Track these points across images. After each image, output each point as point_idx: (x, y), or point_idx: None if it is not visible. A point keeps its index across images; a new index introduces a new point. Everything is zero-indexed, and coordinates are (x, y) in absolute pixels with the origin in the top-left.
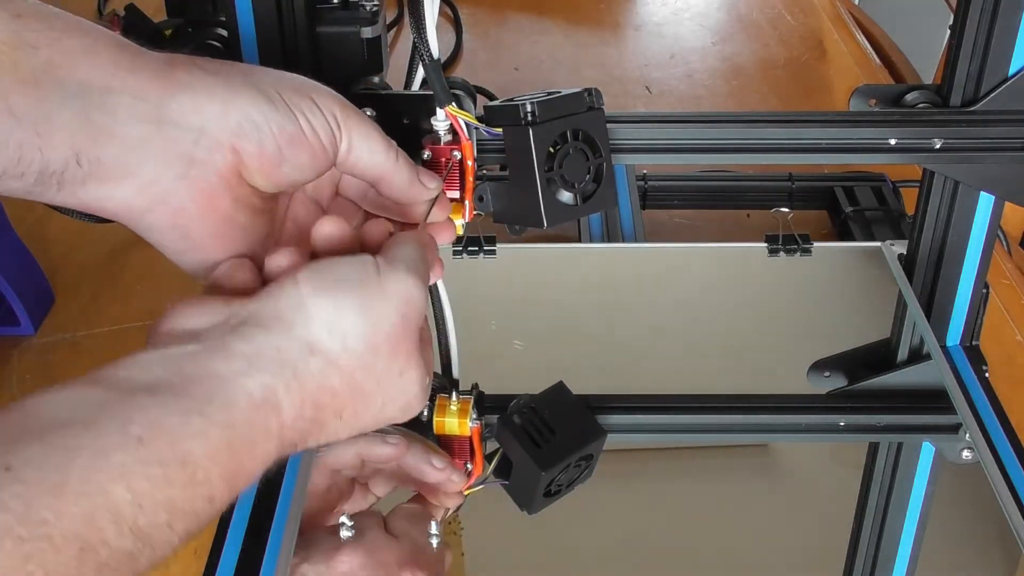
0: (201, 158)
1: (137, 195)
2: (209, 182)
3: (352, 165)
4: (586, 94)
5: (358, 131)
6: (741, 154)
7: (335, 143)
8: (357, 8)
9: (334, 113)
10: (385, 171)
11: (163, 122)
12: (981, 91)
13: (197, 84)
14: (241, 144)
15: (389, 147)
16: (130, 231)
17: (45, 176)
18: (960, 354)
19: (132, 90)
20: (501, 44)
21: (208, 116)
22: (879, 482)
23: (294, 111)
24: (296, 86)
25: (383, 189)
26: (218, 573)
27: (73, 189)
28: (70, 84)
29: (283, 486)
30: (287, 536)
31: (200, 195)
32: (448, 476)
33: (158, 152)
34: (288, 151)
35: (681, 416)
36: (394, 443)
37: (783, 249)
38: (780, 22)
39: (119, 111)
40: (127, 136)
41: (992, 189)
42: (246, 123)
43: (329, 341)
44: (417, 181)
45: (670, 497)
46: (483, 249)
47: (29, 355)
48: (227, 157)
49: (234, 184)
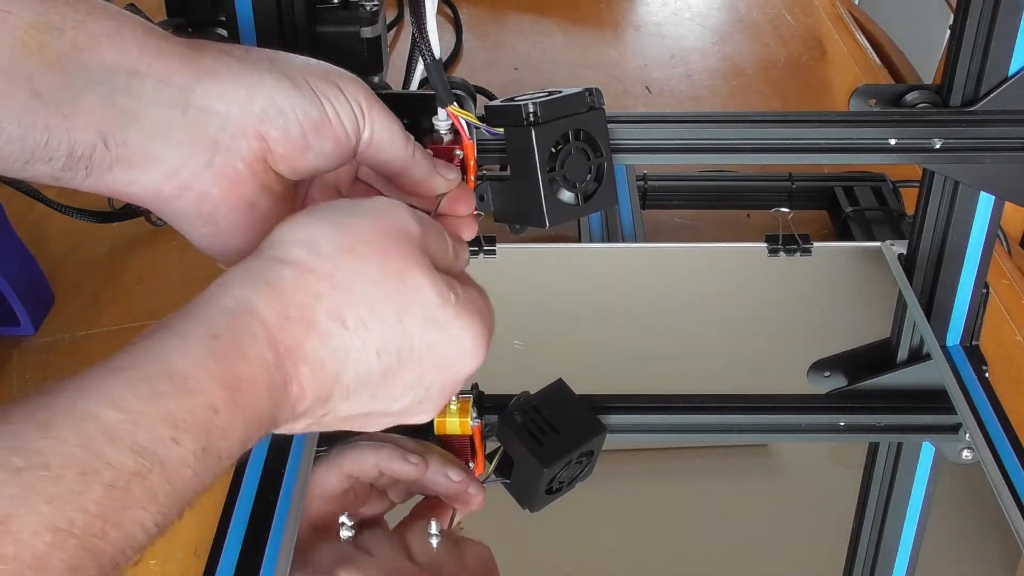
0: (226, 144)
1: (164, 181)
2: (235, 168)
3: (372, 155)
4: (587, 94)
5: (381, 121)
6: (741, 154)
7: (358, 131)
8: (357, 8)
9: (359, 101)
10: (404, 163)
11: (189, 107)
12: (981, 91)
13: (223, 70)
14: (266, 130)
15: (408, 140)
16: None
17: (73, 160)
18: (960, 354)
19: (158, 74)
20: (501, 44)
21: (233, 102)
22: (879, 482)
23: (320, 97)
24: (322, 72)
25: (401, 182)
26: (218, 573)
27: (101, 174)
28: (95, 67)
29: (283, 486)
30: (287, 536)
31: (225, 182)
32: (466, 488)
33: (183, 138)
34: (313, 138)
35: (681, 416)
36: (415, 462)
37: (783, 249)
38: (780, 22)
39: (144, 95)
40: (152, 120)
41: (992, 189)
42: (271, 109)
43: (297, 251)
44: (435, 173)
45: (670, 497)
46: (483, 249)
47: (29, 355)
48: (252, 144)
49: (259, 171)
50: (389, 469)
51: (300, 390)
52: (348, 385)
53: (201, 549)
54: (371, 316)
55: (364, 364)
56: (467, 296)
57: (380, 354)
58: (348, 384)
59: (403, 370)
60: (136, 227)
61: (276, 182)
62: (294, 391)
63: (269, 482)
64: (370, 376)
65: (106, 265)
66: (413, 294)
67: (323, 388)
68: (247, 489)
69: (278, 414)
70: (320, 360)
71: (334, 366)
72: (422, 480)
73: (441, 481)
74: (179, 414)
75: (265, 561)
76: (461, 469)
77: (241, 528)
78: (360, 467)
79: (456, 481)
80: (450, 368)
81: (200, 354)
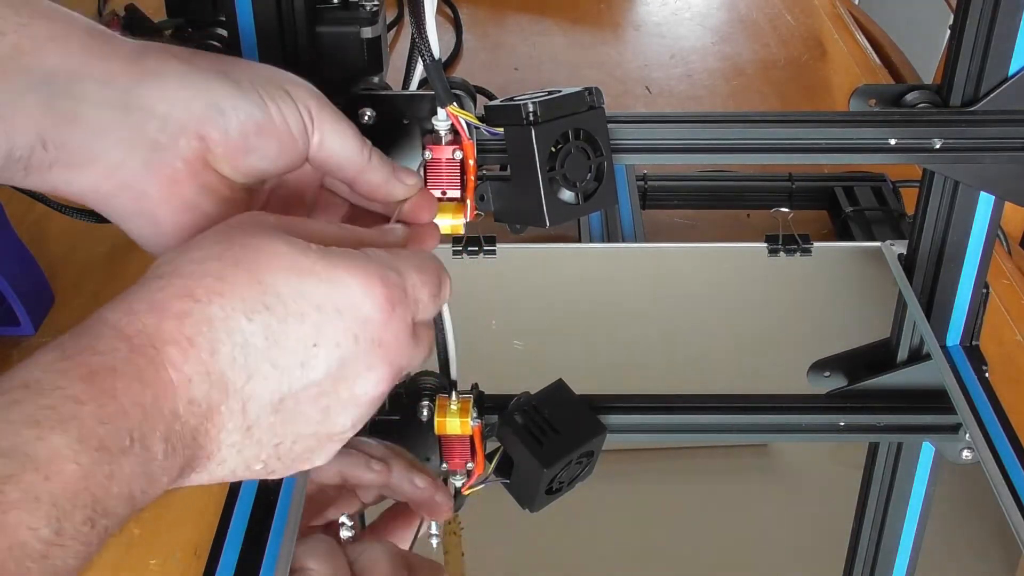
0: (165, 143)
1: (103, 180)
2: (173, 168)
3: (324, 160)
4: (587, 93)
5: (331, 126)
6: (741, 154)
7: (307, 135)
8: (357, 8)
9: (307, 105)
10: (359, 168)
11: (129, 108)
12: (981, 91)
13: (167, 71)
14: (206, 130)
15: (363, 145)
16: None
17: (12, 161)
18: (960, 354)
19: (100, 76)
20: (501, 44)
21: (175, 103)
22: (879, 482)
23: (265, 100)
24: (269, 76)
25: (358, 187)
26: (218, 573)
27: (40, 174)
28: (36, 70)
29: (283, 486)
30: (287, 536)
31: (164, 181)
32: (431, 495)
33: (123, 137)
34: (255, 140)
35: (681, 416)
36: (377, 470)
37: (783, 249)
38: (780, 22)
39: (86, 96)
40: (93, 121)
41: (992, 189)
42: (212, 109)
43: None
44: (393, 178)
45: (670, 497)
46: (483, 249)
47: (29, 355)
48: (191, 143)
49: (199, 171)
50: (352, 476)
51: (180, 375)
52: (235, 359)
53: (201, 549)
54: (221, 284)
55: (238, 332)
56: (343, 248)
57: (249, 315)
58: (234, 358)
59: (287, 324)
60: None
61: (221, 183)
62: (172, 376)
63: (269, 482)
64: (253, 343)
65: (106, 265)
66: (265, 255)
67: (209, 369)
68: (247, 489)
69: (173, 404)
70: (186, 338)
71: (205, 343)
72: (388, 485)
73: (406, 488)
74: (38, 412)
75: (265, 561)
76: (427, 476)
77: (241, 528)
78: (322, 474)
79: (421, 488)
80: (348, 313)
81: (49, 361)
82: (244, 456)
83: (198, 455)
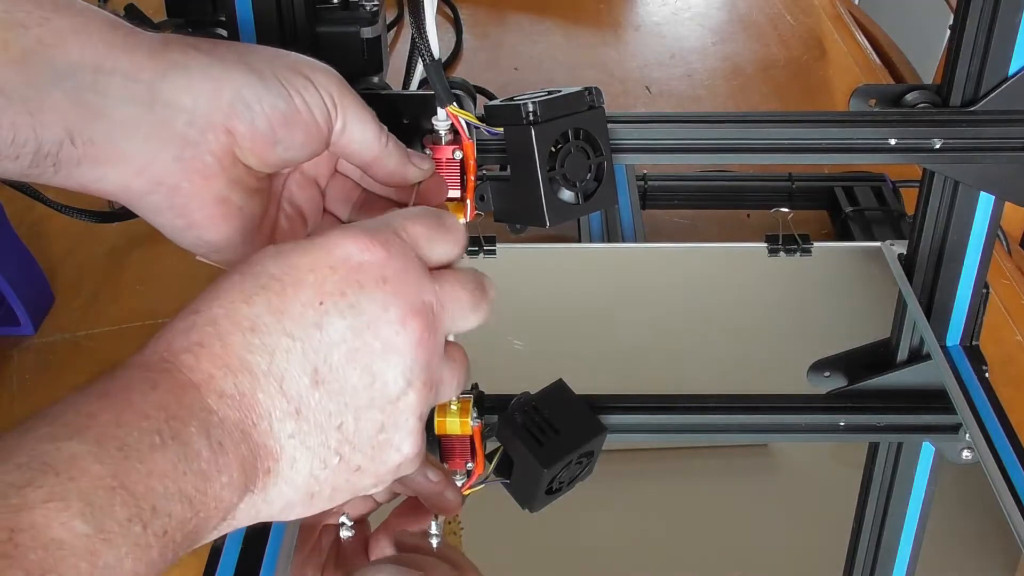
0: (194, 139)
1: (134, 176)
2: (204, 163)
3: (344, 146)
4: (587, 93)
5: (354, 112)
6: (741, 154)
7: (330, 122)
8: (357, 8)
9: (330, 92)
10: (376, 155)
11: (155, 103)
12: (981, 91)
13: (191, 64)
14: (233, 125)
15: (381, 131)
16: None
17: (40, 157)
18: (960, 354)
19: (124, 70)
20: (501, 44)
21: (200, 96)
22: (879, 482)
23: (288, 89)
24: (291, 64)
25: (374, 172)
26: (218, 573)
27: (69, 171)
28: (61, 64)
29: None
30: (287, 536)
31: (196, 176)
32: (443, 489)
33: (151, 133)
34: (281, 131)
35: (681, 416)
36: None
37: (783, 249)
38: (780, 22)
39: (111, 91)
40: (119, 116)
41: (992, 189)
42: (238, 103)
43: None
44: (408, 163)
45: (670, 497)
46: (483, 249)
47: (29, 355)
48: (220, 138)
49: (228, 165)
50: None
51: (198, 374)
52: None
53: (201, 549)
54: (216, 289)
55: (243, 318)
56: None
57: (248, 300)
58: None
59: (286, 295)
60: (136, 227)
61: (248, 175)
62: (191, 378)
63: None
64: (261, 322)
65: (106, 265)
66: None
67: (226, 361)
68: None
69: (201, 401)
70: (195, 343)
71: (215, 340)
72: (402, 479)
73: (419, 480)
74: (54, 430)
75: (265, 561)
76: (440, 470)
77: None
78: None
79: (434, 482)
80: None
81: (63, 397)
82: (311, 447)
83: (259, 454)
